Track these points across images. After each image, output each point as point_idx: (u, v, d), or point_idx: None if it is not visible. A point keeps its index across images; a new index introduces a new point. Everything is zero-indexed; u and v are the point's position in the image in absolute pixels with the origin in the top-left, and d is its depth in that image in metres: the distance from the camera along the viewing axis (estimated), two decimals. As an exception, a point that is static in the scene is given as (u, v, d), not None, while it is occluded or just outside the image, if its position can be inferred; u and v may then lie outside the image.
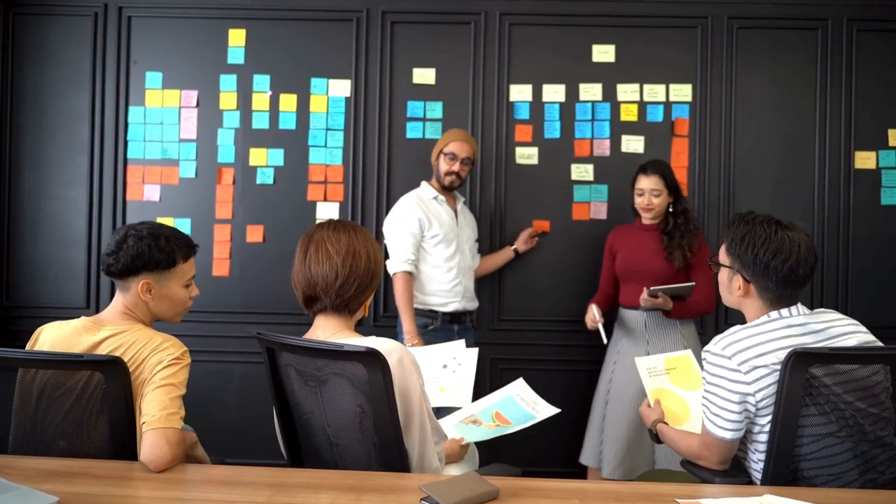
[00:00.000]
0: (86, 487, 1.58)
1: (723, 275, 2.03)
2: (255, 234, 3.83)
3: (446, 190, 3.39)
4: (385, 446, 1.75)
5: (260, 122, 3.84)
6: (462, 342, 2.74)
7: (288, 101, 3.83)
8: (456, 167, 3.32)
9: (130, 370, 1.84)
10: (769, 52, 3.78)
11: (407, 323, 3.22)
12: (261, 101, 3.84)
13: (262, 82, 3.84)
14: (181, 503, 1.53)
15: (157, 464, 1.69)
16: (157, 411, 1.76)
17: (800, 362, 1.76)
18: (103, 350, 1.89)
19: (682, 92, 3.77)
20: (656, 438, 2.23)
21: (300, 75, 3.84)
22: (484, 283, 3.78)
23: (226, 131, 3.85)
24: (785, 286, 1.90)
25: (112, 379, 1.79)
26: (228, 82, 3.85)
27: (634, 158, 3.74)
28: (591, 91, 3.78)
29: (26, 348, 2.01)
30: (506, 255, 3.73)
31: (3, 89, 3.89)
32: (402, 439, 1.75)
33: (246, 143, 3.84)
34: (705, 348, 1.93)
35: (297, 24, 3.85)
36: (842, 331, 1.91)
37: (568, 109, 3.79)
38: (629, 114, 3.77)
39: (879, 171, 3.75)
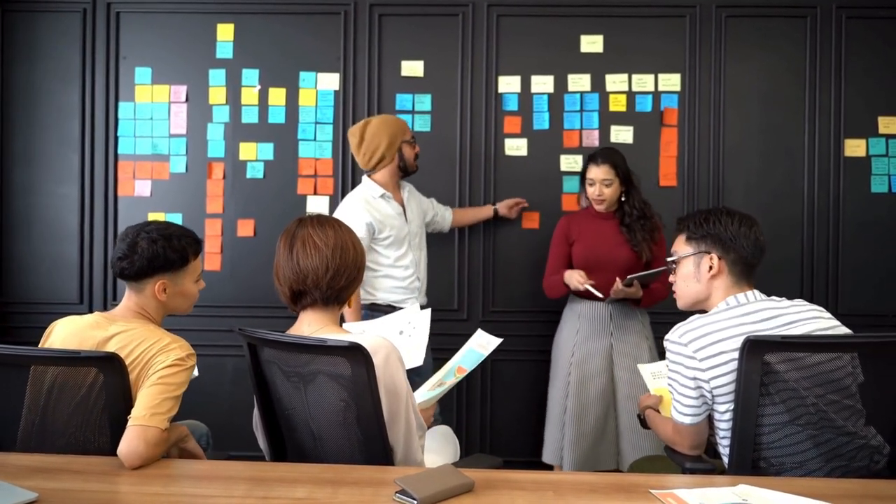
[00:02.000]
0: (65, 483, 1.60)
1: (687, 266, 2.05)
2: (245, 228, 3.85)
3: (405, 175, 3.30)
4: (368, 441, 1.76)
5: (249, 116, 3.85)
6: (416, 306, 2.75)
7: (277, 96, 3.84)
8: (418, 148, 3.29)
9: (137, 368, 1.87)
10: (758, 40, 3.77)
11: (349, 315, 3.03)
12: (250, 95, 3.85)
13: (251, 77, 3.85)
14: (160, 498, 1.54)
15: (130, 460, 1.70)
16: (144, 409, 1.77)
17: (755, 350, 1.76)
18: (111, 347, 1.91)
19: (671, 82, 3.77)
20: (643, 423, 2.29)
21: (289, 69, 3.84)
22: (474, 275, 3.80)
23: (215, 126, 3.86)
24: (754, 254, 1.98)
25: (110, 375, 1.81)
26: (217, 77, 3.85)
27: (624, 149, 3.72)
28: (579, 82, 3.78)
29: (40, 343, 2.04)
30: (485, 212, 3.71)
31: (-7, 86, 3.90)
32: (386, 433, 1.76)
33: (236, 137, 3.85)
34: (666, 337, 1.97)
35: (285, 18, 3.85)
36: (801, 317, 1.91)
37: (557, 100, 3.79)
38: (618, 104, 3.77)
39: (869, 159, 3.75)
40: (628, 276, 3.03)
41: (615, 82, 3.77)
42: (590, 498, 1.55)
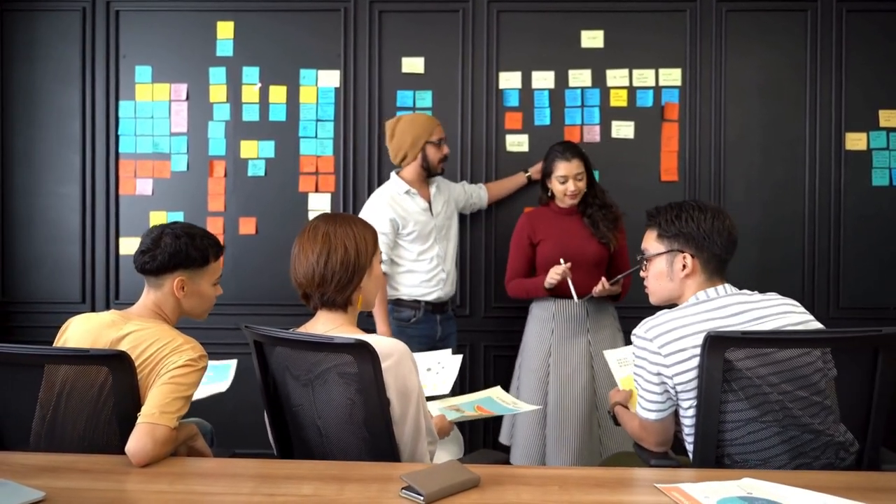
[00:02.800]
0: (72, 482, 1.60)
1: (659, 264, 2.03)
2: (247, 226, 3.85)
3: (430, 176, 3.33)
4: (375, 439, 1.76)
5: (250, 114, 3.85)
6: (448, 351, 2.79)
7: (277, 93, 3.84)
8: (445, 150, 3.31)
9: (148, 367, 1.88)
10: (758, 34, 3.77)
11: (380, 325, 3.17)
12: (250, 93, 3.85)
13: (251, 74, 3.85)
14: (166, 496, 1.55)
15: (138, 458, 1.71)
16: (153, 407, 1.78)
17: (716, 345, 1.74)
18: (124, 345, 1.91)
19: (672, 76, 3.77)
20: (615, 420, 2.27)
21: (289, 66, 3.84)
22: (476, 270, 3.80)
23: (216, 124, 3.86)
24: (727, 250, 1.97)
25: (119, 374, 1.82)
26: (218, 75, 3.85)
27: (625, 144, 3.75)
28: (580, 77, 3.78)
29: (55, 340, 2.05)
30: (518, 180, 3.71)
31: (-7, 86, 3.91)
32: (393, 432, 1.76)
33: (237, 135, 3.85)
34: (633, 331, 1.96)
35: (285, 16, 3.84)
36: (772, 311, 1.87)
37: (557, 96, 3.79)
38: (619, 99, 3.77)
39: (870, 153, 3.75)
40: (616, 277, 2.99)
41: (616, 77, 3.77)
42: (595, 492, 1.55)
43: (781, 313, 1.87)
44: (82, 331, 2.00)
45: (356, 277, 1.88)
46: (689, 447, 1.92)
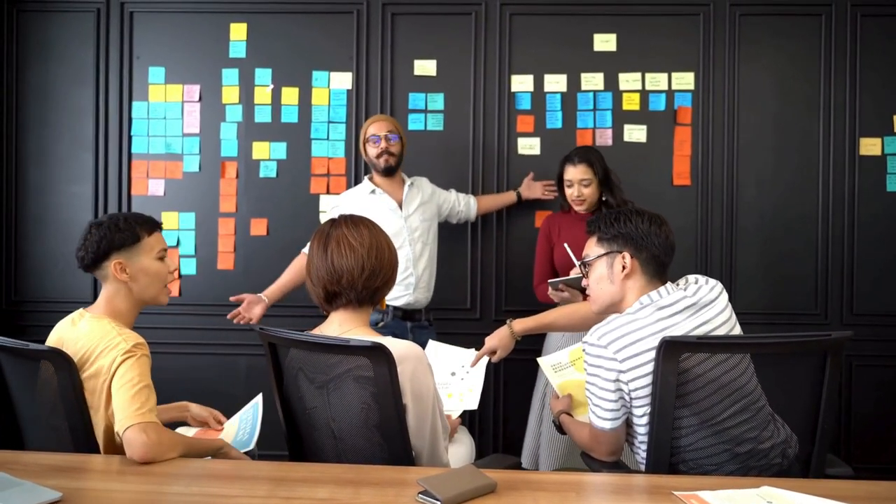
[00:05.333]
0: (88, 483, 1.61)
1: (599, 268, 2.04)
2: (258, 227, 3.85)
3: (387, 174, 3.25)
4: (389, 442, 1.76)
5: (262, 115, 3.85)
6: (473, 350, 2.72)
7: (290, 95, 3.84)
8: (383, 145, 3.19)
9: (87, 364, 1.88)
10: (772, 38, 3.75)
11: None
12: (263, 94, 3.85)
13: (263, 76, 3.85)
14: (183, 498, 1.54)
15: (141, 456, 1.71)
16: (122, 414, 1.78)
17: (671, 351, 1.75)
18: (68, 341, 1.94)
19: (685, 80, 3.75)
20: (560, 429, 2.25)
21: (301, 68, 3.84)
22: (487, 274, 3.79)
23: (228, 125, 3.86)
24: (666, 252, 1.99)
25: (61, 371, 1.84)
26: (230, 76, 3.86)
27: (637, 148, 3.74)
28: (592, 80, 3.77)
29: None
30: (508, 197, 3.69)
31: (7, 86, 3.91)
32: (408, 435, 1.76)
33: (249, 136, 3.86)
34: (583, 339, 1.95)
35: (298, 18, 3.85)
36: (708, 298, 1.93)
37: (570, 99, 3.78)
38: (631, 103, 3.76)
39: (885, 158, 3.73)
40: (550, 280, 2.93)
41: (628, 81, 3.76)
42: (612, 499, 1.55)
43: (713, 300, 1.94)
44: (54, 330, 2.04)
45: (393, 276, 1.91)
46: (640, 456, 1.92)
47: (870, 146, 3.73)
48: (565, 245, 3.04)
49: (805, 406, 1.84)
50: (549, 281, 2.94)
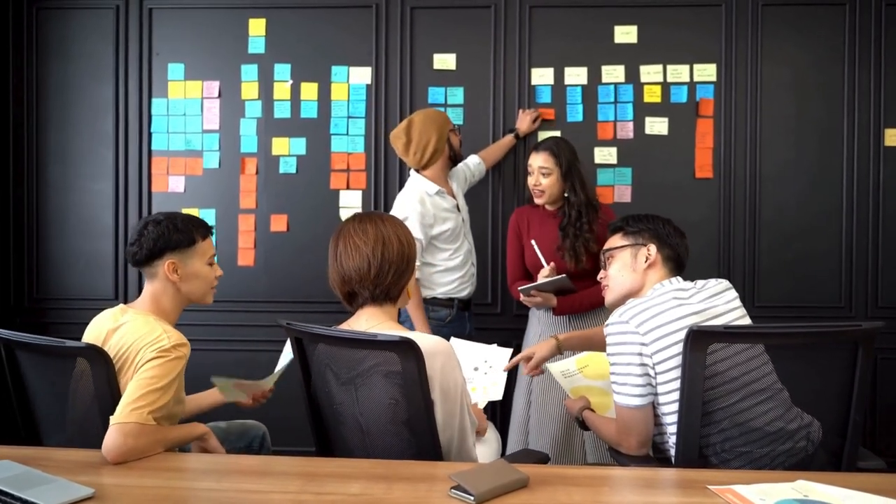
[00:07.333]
0: (119, 478, 1.61)
1: (623, 258, 2.16)
2: (279, 223, 3.85)
3: (455, 165, 3.31)
4: (417, 437, 1.75)
5: (282, 111, 3.85)
6: (495, 346, 2.72)
7: (309, 90, 3.83)
8: (460, 136, 3.31)
9: (125, 359, 1.90)
10: (795, 29, 3.70)
11: (420, 325, 3.04)
12: (282, 90, 3.85)
13: (282, 71, 3.85)
14: (214, 493, 1.54)
15: (112, 458, 1.70)
16: (121, 406, 1.78)
17: (699, 341, 1.76)
18: (114, 339, 1.95)
19: (707, 72, 3.72)
20: (583, 426, 2.26)
21: (321, 63, 3.83)
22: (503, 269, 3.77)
23: (248, 121, 3.86)
24: (684, 255, 2.16)
25: (96, 367, 1.85)
26: (250, 72, 3.86)
27: (659, 140, 3.71)
28: (613, 73, 3.74)
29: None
30: (507, 141, 3.69)
31: (27, 83, 3.93)
32: (437, 430, 1.75)
33: (268, 132, 3.85)
34: (606, 323, 2.01)
35: (317, 13, 3.84)
36: (714, 291, 2.05)
37: (590, 92, 3.75)
38: (653, 95, 3.73)
39: (911, 149, 3.68)
40: (521, 287, 2.85)
41: (650, 73, 3.73)
42: (646, 493, 1.53)
43: (723, 290, 2.06)
44: (92, 326, 2.06)
45: (411, 266, 1.90)
46: (669, 444, 1.94)
47: (895, 137, 3.67)
48: (532, 242, 3.00)
49: (834, 398, 1.83)
50: (520, 288, 2.90)
